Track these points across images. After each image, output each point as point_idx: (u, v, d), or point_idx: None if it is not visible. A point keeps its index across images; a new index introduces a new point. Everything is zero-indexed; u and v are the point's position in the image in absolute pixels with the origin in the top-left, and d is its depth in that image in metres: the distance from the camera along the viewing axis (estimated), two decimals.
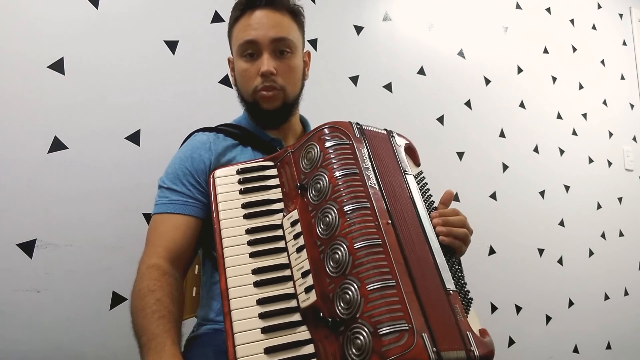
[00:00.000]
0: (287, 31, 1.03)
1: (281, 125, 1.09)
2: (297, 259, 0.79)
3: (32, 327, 1.24)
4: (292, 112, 1.09)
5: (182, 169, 1.00)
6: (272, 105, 1.03)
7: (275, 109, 1.04)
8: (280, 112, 1.05)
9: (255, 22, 1.01)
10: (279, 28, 1.01)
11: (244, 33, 1.02)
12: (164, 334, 0.76)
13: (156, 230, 0.95)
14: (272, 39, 1.00)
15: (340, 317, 0.70)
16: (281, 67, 1.02)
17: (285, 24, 1.03)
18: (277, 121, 1.07)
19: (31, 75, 1.33)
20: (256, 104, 1.04)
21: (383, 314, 0.68)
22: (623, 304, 2.43)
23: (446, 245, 0.85)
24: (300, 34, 1.09)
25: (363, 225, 0.75)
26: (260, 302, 0.76)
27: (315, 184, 0.81)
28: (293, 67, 1.04)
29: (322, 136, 0.85)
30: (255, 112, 1.07)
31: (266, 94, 1.01)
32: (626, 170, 2.62)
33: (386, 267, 0.72)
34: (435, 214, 0.88)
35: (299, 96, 1.10)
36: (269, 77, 1.00)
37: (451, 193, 0.95)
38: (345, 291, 0.71)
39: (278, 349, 0.72)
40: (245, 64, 1.03)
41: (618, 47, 2.75)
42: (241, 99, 1.09)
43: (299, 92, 1.10)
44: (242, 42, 1.02)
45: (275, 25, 1.01)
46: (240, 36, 1.03)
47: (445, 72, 2.10)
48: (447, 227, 0.86)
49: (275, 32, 1.01)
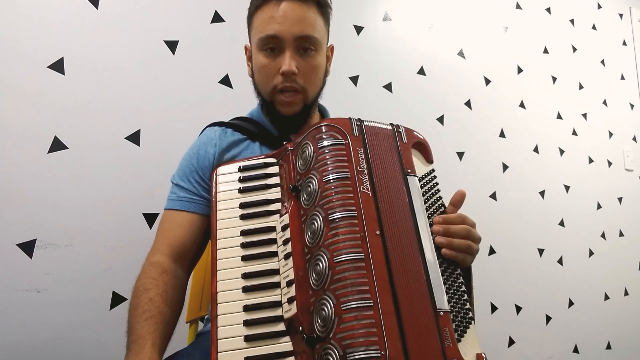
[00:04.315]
0: (312, 28, 0.95)
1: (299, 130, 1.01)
2: (285, 266, 0.75)
3: (32, 327, 1.24)
4: (310, 114, 1.03)
5: (189, 166, 0.99)
6: (291, 111, 0.98)
7: (294, 115, 0.98)
8: (298, 118, 0.99)
9: (280, 15, 0.93)
10: (304, 24, 0.94)
11: (266, 26, 0.94)
12: (147, 335, 0.76)
13: (162, 227, 0.95)
14: (297, 36, 0.93)
15: (317, 333, 0.66)
16: (303, 66, 0.96)
17: (311, 19, 0.95)
18: (295, 126, 1.01)
19: (31, 75, 1.33)
20: (273, 105, 0.99)
21: (356, 337, 0.63)
22: (623, 304, 2.43)
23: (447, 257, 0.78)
24: (326, 29, 1.02)
25: (347, 236, 0.69)
26: (247, 308, 0.73)
27: (306, 187, 0.76)
28: (316, 66, 0.98)
29: (317, 135, 0.80)
30: (271, 113, 1.02)
31: (285, 99, 0.96)
32: (626, 170, 2.61)
33: (365, 284, 0.66)
34: (439, 219, 0.80)
35: (319, 95, 1.04)
36: (290, 77, 0.94)
37: (463, 193, 0.86)
38: (322, 307, 0.67)
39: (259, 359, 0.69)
40: (265, 59, 0.96)
41: (618, 47, 2.75)
42: (257, 93, 1.03)
43: (320, 91, 1.03)
44: (263, 36, 0.95)
45: (300, 21, 0.94)
46: (262, 28, 0.95)
47: (445, 72, 2.10)
48: (447, 237, 0.78)
49: (300, 29, 0.93)
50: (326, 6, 1.01)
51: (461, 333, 0.73)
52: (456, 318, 0.74)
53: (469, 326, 0.74)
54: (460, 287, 0.77)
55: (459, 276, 0.79)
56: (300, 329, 0.69)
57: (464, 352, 0.70)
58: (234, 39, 1.61)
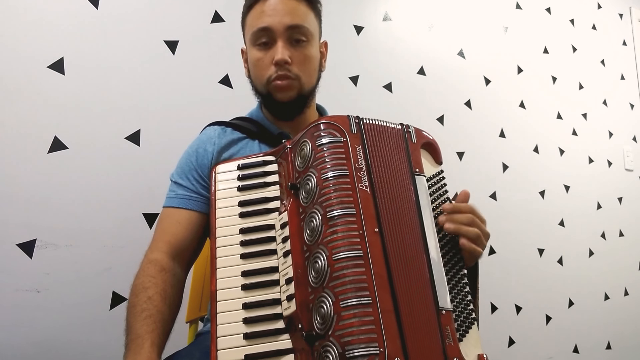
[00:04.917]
0: (302, 18, 0.97)
1: (295, 117, 1.03)
2: (284, 264, 0.75)
3: (32, 327, 1.24)
4: (307, 104, 1.04)
5: (188, 164, 1.00)
6: (286, 96, 0.98)
7: (290, 100, 0.99)
8: (294, 104, 1.00)
9: (270, 9, 0.96)
10: (294, 15, 0.96)
11: (257, 20, 0.97)
12: (145, 334, 0.76)
13: (161, 225, 0.96)
14: (287, 26, 0.95)
15: (316, 331, 0.66)
16: (296, 56, 0.97)
17: (301, 11, 0.98)
18: (291, 113, 1.02)
19: (31, 75, 1.33)
20: (270, 95, 0.99)
21: (354, 334, 0.63)
22: (623, 304, 2.43)
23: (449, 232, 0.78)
24: (317, 23, 1.04)
25: (346, 234, 0.69)
26: (246, 306, 0.73)
27: (305, 184, 0.76)
28: (309, 56, 0.99)
29: (315, 132, 0.79)
30: (269, 104, 1.03)
31: (280, 83, 0.97)
32: (626, 170, 2.61)
33: (364, 282, 0.66)
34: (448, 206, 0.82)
35: (314, 88, 1.05)
36: (283, 65, 0.95)
37: (467, 193, 0.88)
38: (321, 304, 0.67)
39: (258, 357, 0.69)
40: (259, 52, 0.98)
41: (618, 47, 2.75)
42: (255, 91, 1.04)
43: (315, 84, 1.04)
44: (255, 29, 0.97)
45: (290, 12, 0.96)
46: (254, 24, 0.98)
47: (445, 72, 2.10)
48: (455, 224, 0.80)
49: (290, 19, 0.96)
50: (316, 1, 1.03)
51: (463, 333, 0.73)
52: (459, 317, 0.73)
53: (472, 326, 0.74)
54: (464, 287, 0.77)
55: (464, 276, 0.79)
56: (299, 327, 0.69)
57: (465, 352, 0.70)
58: (234, 39, 1.61)
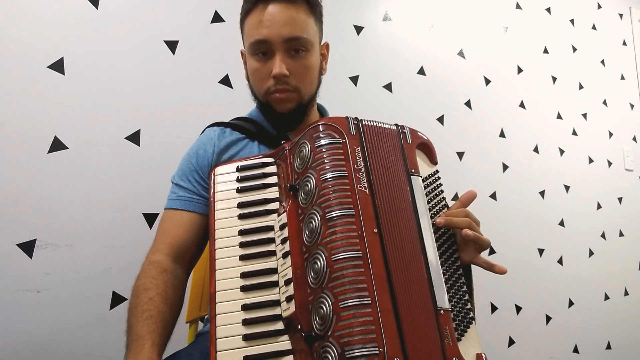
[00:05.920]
0: (301, 29, 0.95)
1: (297, 127, 1.02)
2: (283, 265, 0.75)
3: (32, 327, 1.24)
4: (306, 113, 1.03)
5: (189, 166, 1.00)
6: (285, 108, 0.98)
7: (290, 111, 0.98)
8: (294, 114, 0.99)
9: (267, 19, 0.93)
10: (292, 25, 0.94)
11: (255, 31, 0.95)
12: (146, 335, 0.76)
13: (162, 226, 0.96)
14: (285, 38, 0.93)
15: (315, 331, 0.66)
16: (295, 67, 0.96)
17: (301, 20, 0.95)
18: (291, 123, 1.01)
19: (31, 75, 1.33)
20: (269, 105, 0.99)
21: (354, 334, 0.63)
22: (623, 304, 2.43)
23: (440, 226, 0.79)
24: (318, 28, 1.01)
25: (345, 235, 0.70)
26: (245, 307, 0.73)
27: (304, 186, 0.77)
28: (308, 66, 0.98)
29: (314, 134, 0.80)
30: (268, 113, 1.02)
31: (279, 95, 0.96)
32: (626, 170, 2.62)
33: (363, 282, 0.66)
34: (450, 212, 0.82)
35: (315, 94, 1.04)
36: (281, 79, 0.95)
37: (473, 194, 0.87)
38: (320, 305, 0.67)
39: (257, 358, 0.70)
40: (257, 63, 0.97)
41: (618, 47, 2.75)
42: (254, 96, 1.04)
43: (315, 91, 1.04)
44: (253, 41, 0.95)
45: (288, 22, 0.93)
46: (252, 34, 0.96)
47: (445, 72, 2.10)
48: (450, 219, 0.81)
49: (288, 31, 0.93)
50: (316, 5, 1.00)
51: (462, 332, 0.73)
52: (457, 317, 0.74)
53: (470, 326, 0.74)
54: (461, 287, 0.78)
55: (461, 276, 0.79)
56: (298, 328, 0.69)
57: (464, 351, 0.70)
58: (234, 39, 1.60)
